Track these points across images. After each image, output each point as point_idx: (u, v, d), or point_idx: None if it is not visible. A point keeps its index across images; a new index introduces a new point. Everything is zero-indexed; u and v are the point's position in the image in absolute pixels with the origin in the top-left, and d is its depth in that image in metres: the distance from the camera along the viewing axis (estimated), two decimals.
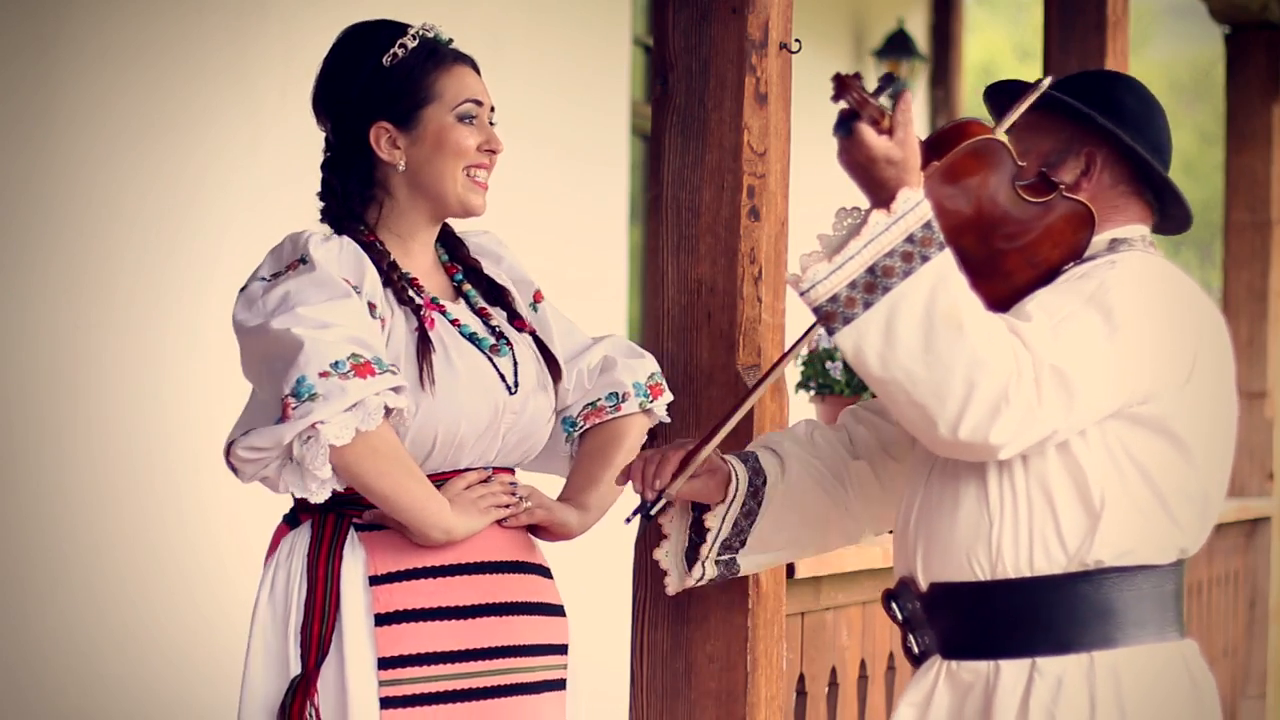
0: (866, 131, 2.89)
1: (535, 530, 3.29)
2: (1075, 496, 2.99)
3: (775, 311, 3.61)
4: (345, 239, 3.20)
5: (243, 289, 3.18)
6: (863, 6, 9.41)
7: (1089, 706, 3.00)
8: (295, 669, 3.12)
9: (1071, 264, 3.07)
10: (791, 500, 3.29)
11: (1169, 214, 3.22)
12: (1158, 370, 2.99)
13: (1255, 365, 7.80)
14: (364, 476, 3.06)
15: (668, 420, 3.50)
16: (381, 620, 3.12)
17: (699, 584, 3.34)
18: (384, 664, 3.11)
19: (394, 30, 3.25)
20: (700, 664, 3.53)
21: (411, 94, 3.21)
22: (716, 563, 3.30)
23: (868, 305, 2.87)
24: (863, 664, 4.24)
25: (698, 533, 3.33)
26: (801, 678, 3.92)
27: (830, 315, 2.89)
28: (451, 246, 3.35)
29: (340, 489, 3.09)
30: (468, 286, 3.32)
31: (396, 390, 3.05)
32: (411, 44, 3.23)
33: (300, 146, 5.43)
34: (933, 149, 3.03)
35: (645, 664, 3.59)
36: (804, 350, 3.19)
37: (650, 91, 4.57)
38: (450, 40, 3.29)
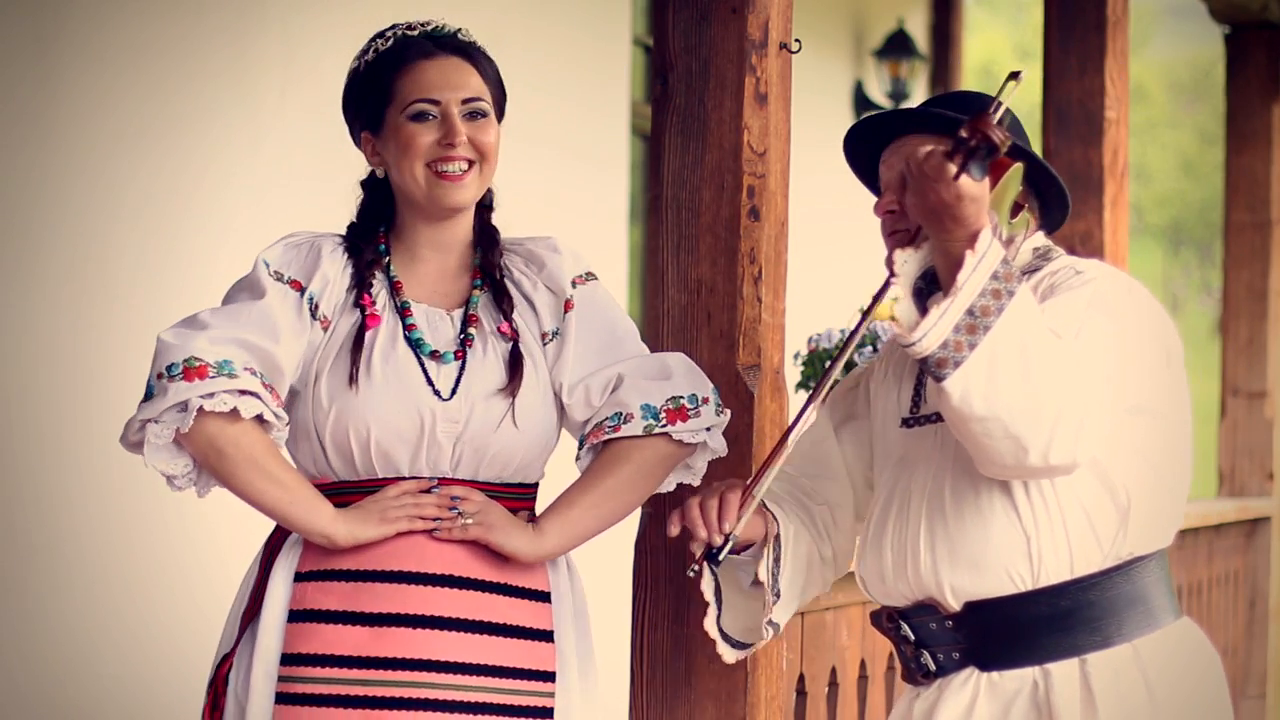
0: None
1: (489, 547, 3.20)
2: (1105, 495, 3.09)
3: (775, 311, 3.61)
4: (318, 241, 3.22)
5: None
6: (863, 6, 9.41)
7: (1147, 691, 3.10)
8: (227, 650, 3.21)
9: None
10: (799, 546, 3.31)
11: (1048, 217, 3.34)
12: (1151, 362, 3.13)
13: (1255, 365, 7.80)
14: (217, 476, 3.12)
15: (723, 451, 3.36)
16: (294, 617, 3.14)
17: (759, 647, 3.34)
18: (286, 660, 3.12)
19: (381, 35, 3.25)
20: (700, 664, 3.53)
21: (375, 97, 3.22)
22: (769, 624, 3.27)
23: (972, 346, 2.93)
24: (863, 664, 4.24)
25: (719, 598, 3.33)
26: (801, 678, 3.92)
27: (942, 361, 2.93)
28: (486, 250, 3.32)
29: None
30: (478, 294, 3.28)
31: (241, 393, 3.05)
32: (384, 45, 3.22)
33: (300, 146, 5.44)
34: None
35: (645, 664, 3.59)
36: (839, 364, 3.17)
37: (650, 91, 4.57)
38: (456, 31, 3.25)
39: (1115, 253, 5.58)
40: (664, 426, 3.26)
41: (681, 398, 3.28)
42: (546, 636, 3.23)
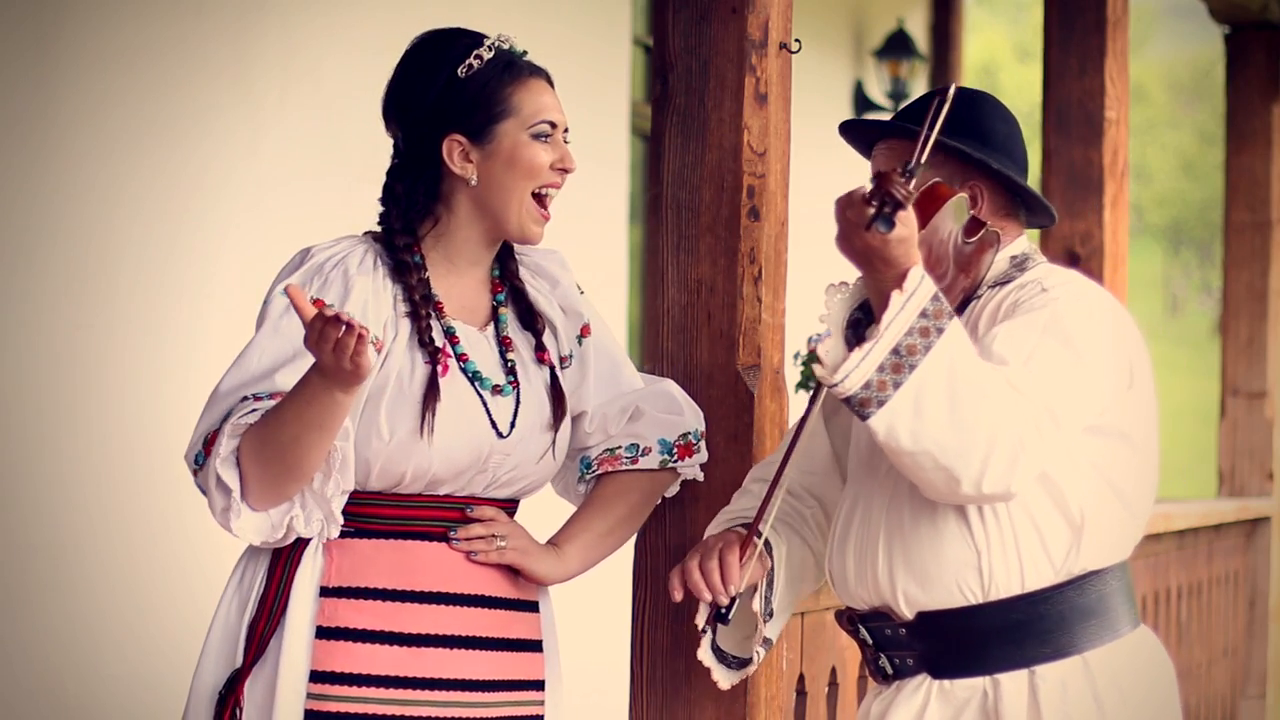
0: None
1: (517, 569, 3.24)
2: (1057, 514, 3.11)
3: (775, 311, 3.62)
4: (350, 253, 3.16)
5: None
6: (863, 6, 9.41)
7: (1095, 704, 3.11)
8: (239, 662, 3.13)
9: (984, 289, 3.20)
10: (791, 559, 3.33)
11: (1033, 219, 3.34)
12: (1111, 383, 3.12)
13: (1255, 365, 7.80)
14: (280, 475, 3.02)
15: (700, 478, 3.44)
16: (322, 633, 3.10)
17: (754, 668, 3.33)
18: (315, 677, 3.09)
19: (470, 40, 3.20)
20: (700, 664, 3.53)
21: (486, 107, 3.17)
22: (764, 642, 3.29)
23: (897, 385, 2.93)
24: (862, 664, 4.24)
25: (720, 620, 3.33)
26: (801, 678, 3.92)
27: (865, 401, 2.94)
28: (505, 263, 3.30)
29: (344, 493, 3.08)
30: (504, 310, 3.26)
31: (252, 414, 3.02)
32: (487, 55, 3.18)
33: (300, 146, 5.44)
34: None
35: (645, 664, 3.58)
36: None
37: (650, 91, 4.57)
38: (525, 53, 3.24)
39: (1115, 253, 5.58)
40: (675, 462, 3.36)
41: (689, 434, 3.38)
42: (538, 647, 3.28)
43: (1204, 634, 7.11)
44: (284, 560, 3.13)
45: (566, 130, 3.25)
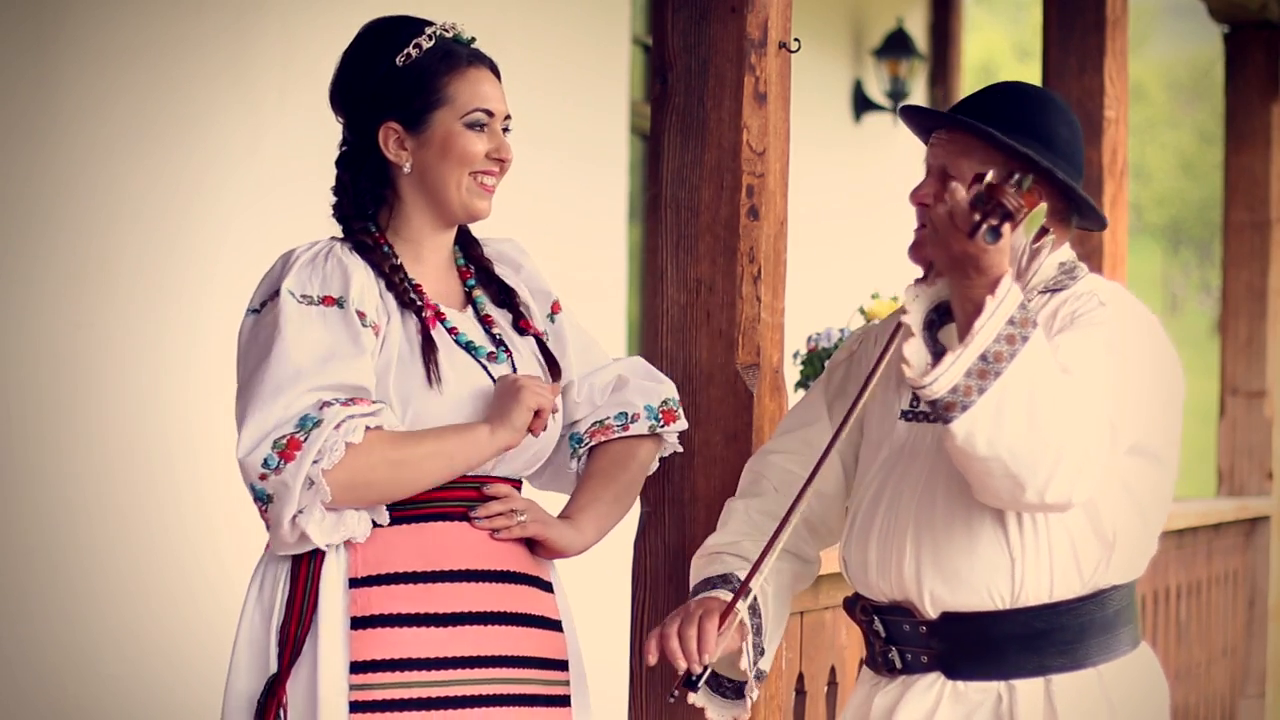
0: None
1: (533, 545, 3.26)
2: (1091, 531, 3.12)
3: (774, 311, 3.62)
4: (333, 248, 3.18)
5: (249, 308, 3.17)
6: (862, 6, 9.41)
7: (1110, 715, 3.14)
8: (274, 668, 3.12)
9: (1033, 293, 3.19)
10: (778, 594, 3.32)
11: (1082, 222, 3.33)
12: (1154, 406, 3.15)
13: (1255, 365, 7.80)
14: (379, 501, 3.09)
15: (680, 449, 3.48)
16: (357, 624, 3.10)
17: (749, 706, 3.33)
18: (356, 668, 3.09)
19: (412, 29, 3.22)
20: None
21: (422, 96, 3.19)
22: (757, 677, 3.28)
23: (981, 391, 2.94)
24: (861, 663, 4.24)
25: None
26: (801, 677, 3.92)
27: (950, 405, 2.94)
28: (467, 248, 3.33)
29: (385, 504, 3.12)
30: (478, 292, 3.29)
31: (336, 428, 3.03)
32: (427, 44, 3.20)
33: (300, 146, 5.44)
34: None
35: (645, 664, 3.58)
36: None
37: (650, 91, 4.57)
38: (472, 40, 3.25)
39: (1115, 252, 5.58)
40: (661, 427, 3.39)
41: (670, 400, 3.42)
42: (559, 626, 3.29)
43: (1203, 633, 7.11)
44: (306, 559, 3.13)
45: (508, 119, 3.26)
